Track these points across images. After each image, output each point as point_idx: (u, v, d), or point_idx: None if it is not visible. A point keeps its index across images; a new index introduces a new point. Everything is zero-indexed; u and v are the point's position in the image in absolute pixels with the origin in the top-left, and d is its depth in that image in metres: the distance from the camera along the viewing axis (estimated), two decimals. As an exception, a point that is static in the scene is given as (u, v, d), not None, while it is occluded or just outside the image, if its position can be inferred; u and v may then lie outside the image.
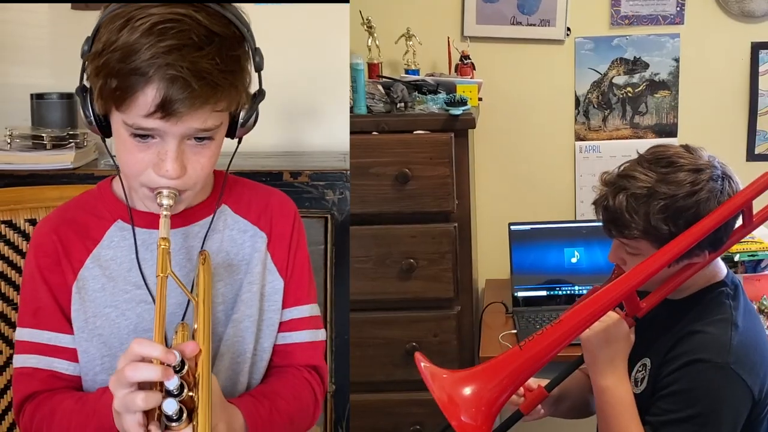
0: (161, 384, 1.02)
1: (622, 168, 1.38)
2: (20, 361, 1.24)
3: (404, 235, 2.19)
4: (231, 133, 1.20)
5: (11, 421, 1.56)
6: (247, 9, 1.17)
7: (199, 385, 1.04)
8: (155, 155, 1.11)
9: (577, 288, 2.43)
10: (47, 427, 1.19)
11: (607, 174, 1.39)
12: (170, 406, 1.01)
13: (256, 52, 1.16)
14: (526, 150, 2.71)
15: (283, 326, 1.32)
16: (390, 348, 2.23)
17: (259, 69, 1.18)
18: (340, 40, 2.39)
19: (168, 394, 1.01)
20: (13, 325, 1.29)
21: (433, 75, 2.48)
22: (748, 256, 2.17)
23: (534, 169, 2.72)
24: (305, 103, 2.48)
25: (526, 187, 2.73)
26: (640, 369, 1.40)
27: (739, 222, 1.38)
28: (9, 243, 1.57)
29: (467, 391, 1.19)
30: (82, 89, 1.15)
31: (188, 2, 1.08)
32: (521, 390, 1.42)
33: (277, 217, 1.33)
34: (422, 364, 1.23)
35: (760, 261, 2.19)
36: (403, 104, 2.22)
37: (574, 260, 2.46)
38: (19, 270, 1.56)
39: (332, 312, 2.21)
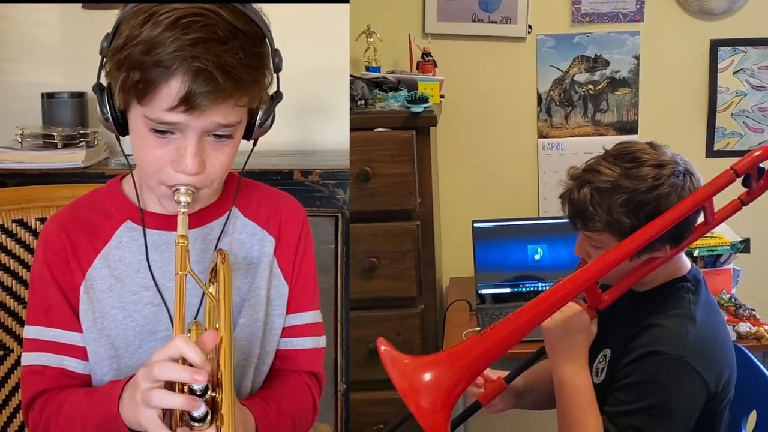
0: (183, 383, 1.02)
1: (588, 163, 1.41)
2: (30, 358, 1.23)
3: (366, 233, 2.18)
4: (247, 134, 1.20)
5: (23, 419, 1.54)
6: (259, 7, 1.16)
7: (222, 386, 1.04)
8: (174, 151, 1.10)
9: (540, 284, 2.43)
10: (54, 422, 1.18)
11: (574, 169, 1.42)
12: (198, 408, 1.00)
13: (276, 53, 1.16)
14: (488, 147, 2.71)
15: (287, 332, 1.32)
16: (353, 348, 2.21)
17: (278, 70, 1.17)
18: (341, 38, 2.38)
19: (193, 394, 1.01)
20: (24, 324, 1.29)
21: (394, 72, 2.47)
22: (708, 251, 2.19)
23: (497, 166, 2.72)
24: (315, 101, 2.46)
25: (489, 184, 2.73)
26: (601, 360, 1.41)
27: (701, 219, 1.40)
28: (20, 242, 1.57)
29: (427, 377, 1.20)
30: (99, 86, 1.14)
31: (204, 1, 1.08)
32: (480, 381, 1.44)
33: (286, 222, 1.32)
34: (382, 348, 1.22)
35: (719, 256, 2.21)
36: (363, 102, 2.21)
37: (537, 257, 2.46)
38: (29, 269, 1.52)
39: (342, 311, 2.19)
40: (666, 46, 2.65)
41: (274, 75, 1.17)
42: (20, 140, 2.20)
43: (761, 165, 1.37)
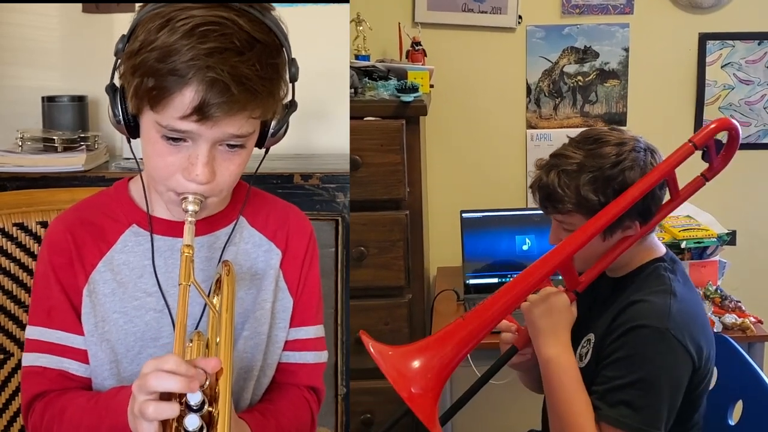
0: (181, 395, 1.00)
1: (553, 152, 1.45)
2: (30, 359, 1.21)
3: (354, 222, 2.17)
4: (259, 143, 1.18)
5: (23, 423, 1.53)
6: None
7: (219, 400, 1.01)
8: (185, 159, 1.09)
9: (528, 275, 2.44)
10: (57, 425, 1.16)
11: (541, 159, 1.47)
12: (192, 422, 0.99)
13: (293, 62, 1.14)
14: (477, 137, 2.71)
15: (289, 345, 1.31)
16: (340, 337, 2.21)
17: (293, 80, 1.15)
18: (341, 40, 2.37)
19: (189, 408, 1.00)
20: (24, 328, 1.27)
21: (383, 61, 2.46)
22: (694, 243, 2.20)
23: (485, 156, 2.72)
24: (315, 105, 2.44)
25: (478, 174, 2.73)
26: (585, 344, 1.43)
27: (667, 197, 1.43)
28: (20, 245, 1.55)
29: (415, 363, 1.25)
30: (111, 87, 1.13)
31: (217, 2, 1.06)
32: (513, 327, 1.49)
33: (293, 235, 1.31)
34: (370, 344, 1.26)
35: (705, 248, 2.22)
36: (353, 90, 2.19)
37: (525, 247, 2.46)
38: (30, 272, 1.54)
39: (343, 315, 2.18)
40: (655, 39, 2.66)
41: (290, 84, 1.15)
42: (20, 144, 2.19)
43: (720, 138, 1.40)
